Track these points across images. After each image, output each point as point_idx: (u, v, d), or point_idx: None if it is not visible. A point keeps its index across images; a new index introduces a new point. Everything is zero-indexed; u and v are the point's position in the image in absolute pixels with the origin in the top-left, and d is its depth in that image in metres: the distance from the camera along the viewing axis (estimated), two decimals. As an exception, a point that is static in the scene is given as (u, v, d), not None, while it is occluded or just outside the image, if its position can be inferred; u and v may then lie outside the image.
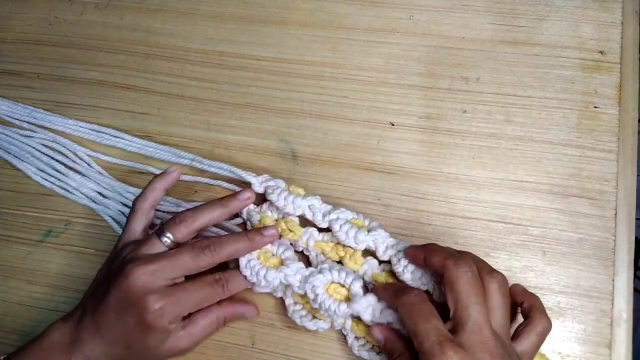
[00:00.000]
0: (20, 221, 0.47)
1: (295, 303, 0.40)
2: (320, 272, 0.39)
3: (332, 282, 0.39)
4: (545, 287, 0.40)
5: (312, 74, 0.47)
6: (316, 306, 0.38)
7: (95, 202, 0.46)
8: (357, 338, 0.39)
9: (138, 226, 0.40)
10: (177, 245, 0.38)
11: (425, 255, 0.36)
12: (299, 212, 0.41)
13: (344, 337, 0.40)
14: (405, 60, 0.47)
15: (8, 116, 0.49)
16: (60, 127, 0.48)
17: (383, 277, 0.40)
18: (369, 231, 0.40)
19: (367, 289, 0.39)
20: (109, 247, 0.44)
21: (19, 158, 0.47)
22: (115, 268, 0.38)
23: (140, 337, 0.36)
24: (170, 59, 0.49)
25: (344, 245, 0.40)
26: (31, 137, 0.48)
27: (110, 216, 0.45)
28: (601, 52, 0.45)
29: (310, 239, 0.41)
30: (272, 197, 0.41)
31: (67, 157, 0.47)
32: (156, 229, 0.39)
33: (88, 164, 0.47)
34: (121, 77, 0.49)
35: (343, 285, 0.39)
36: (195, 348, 0.39)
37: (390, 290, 0.37)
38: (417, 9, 0.48)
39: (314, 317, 0.39)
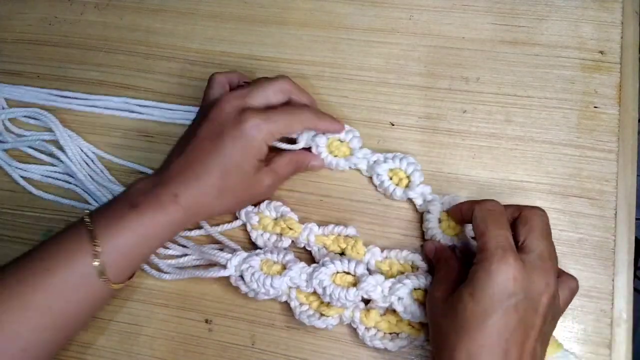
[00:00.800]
0: (20, 221, 0.47)
1: (301, 304, 0.40)
2: (323, 265, 0.39)
3: (337, 272, 0.40)
4: (545, 287, 0.40)
5: (312, 74, 0.47)
6: (327, 299, 0.39)
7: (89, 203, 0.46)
8: (367, 329, 0.39)
9: (215, 93, 0.41)
10: None
11: (505, 207, 0.37)
12: (282, 290, 0.40)
13: (354, 330, 0.40)
14: (405, 60, 0.47)
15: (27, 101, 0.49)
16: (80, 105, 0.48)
17: (387, 265, 0.40)
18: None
19: (370, 272, 0.40)
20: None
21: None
22: (202, 114, 0.40)
23: (235, 158, 0.37)
24: (170, 59, 0.49)
25: (345, 237, 0.41)
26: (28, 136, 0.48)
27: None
28: (601, 52, 0.45)
29: (310, 235, 0.41)
30: (252, 285, 0.40)
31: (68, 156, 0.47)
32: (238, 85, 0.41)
33: (92, 161, 0.47)
34: (121, 77, 0.49)
35: (348, 273, 0.40)
36: (275, 191, 0.42)
37: (469, 202, 0.38)
38: (417, 9, 0.48)
39: (322, 315, 0.40)
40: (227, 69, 0.48)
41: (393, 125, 0.45)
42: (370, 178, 0.44)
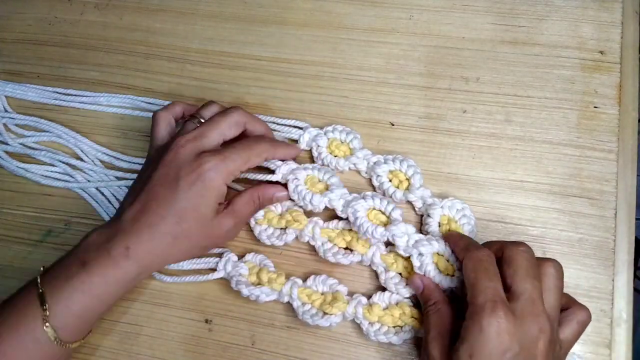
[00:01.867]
0: (20, 221, 0.47)
1: (304, 304, 0.40)
2: (362, 197, 0.40)
3: (373, 208, 0.40)
4: (545, 287, 0.40)
5: (312, 74, 0.47)
6: (355, 228, 0.40)
7: (96, 201, 0.46)
8: (371, 324, 0.39)
9: (163, 132, 0.41)
10: None
11: (484, 245, 0.37)
12: (320, 208, 0.41)
13: (354, 330, 0.40)
14: (405, 60, 0.47)
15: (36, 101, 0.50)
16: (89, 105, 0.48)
17: (392, 258, 0.40)
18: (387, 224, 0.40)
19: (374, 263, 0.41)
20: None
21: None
22: (154, 160, 0.38)
23: (192, 202, 0.36)
24: (170, 59, 0.49)
25: (350, 230, 0.41)
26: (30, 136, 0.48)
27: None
28: (601, 52, 0.45)
29: (315, 227, 0.41)
30: (293, 196, 0.42)
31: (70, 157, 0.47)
32: (187, 118, 0.40)
33: (92, 161, 0.47)
34: (121, 77, 0.49)
35: (383, 213, 0.40)
36: (238, 234, 0.41)
37: (462, 242, 0.37)
38: (417, 9, 0.48)
39: (325, 314, 0.40)
40: (227, 69, 0.48)
41: (393, 125, 0.45)
42: (370, 179, 0.44)
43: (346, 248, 0.41)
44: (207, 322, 0.42)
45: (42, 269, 0.37)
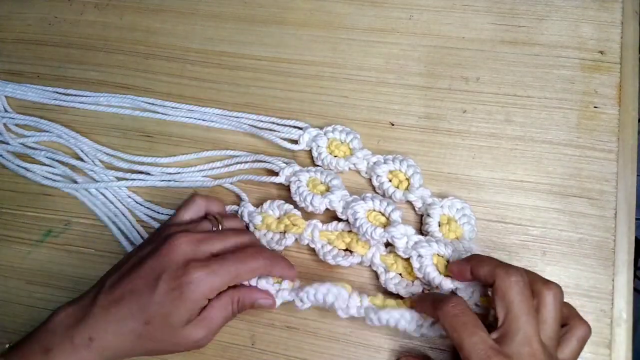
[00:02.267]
0: (20, 221, 0.47)
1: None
2: (362, 199, 0.41)
3: (373, 209, 0.41)
4: (545, 287, 0.40)
5: (312, 74, 0.47)
6: (355, 230, 0.40)
7: (97, 207, 0.46)
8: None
9: (187, 216, 0.40)
10: None
11: (472, 265, 0.35)
12: (320, 210, 0.41)
13: (355, 330, 0.40)
14: (405, 60, 0.47)
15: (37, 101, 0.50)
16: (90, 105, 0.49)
17: (391, 258, 0.40)
18: (386, 226, 0.40)
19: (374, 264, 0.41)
20: (108, 247, 0.45)
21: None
22: (155, 240, 0.38)
23: (165, 309, 0.35)
24: (170, 59, 0.49)
25: (349, 231, 0.41)
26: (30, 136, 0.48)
27: (111, 220, 0.45)
28: (601, 52, 0.45)
29: (314, 231, 0.41)
30: (295, 197, 0.42)
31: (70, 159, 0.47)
32: (210, 217, 0.40)
33: (93, 162, 0.47)
34: (121, 77, 0.49)
35: (383, 214, 0.41)
36: (210, 341, 0.37)
37: (428, 301, 0.35)
38: (417, 9, 0.48)
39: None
40: (227, 69, 0.48)
41: (393, 125, 0.45)
42: (370, 179, 0.44)
43: (346, 250, 0.41)
44: (207, 322, 0.42)
45: (7, 346, 0.36)
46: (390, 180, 0.43)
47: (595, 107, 0.44)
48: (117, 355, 0.36)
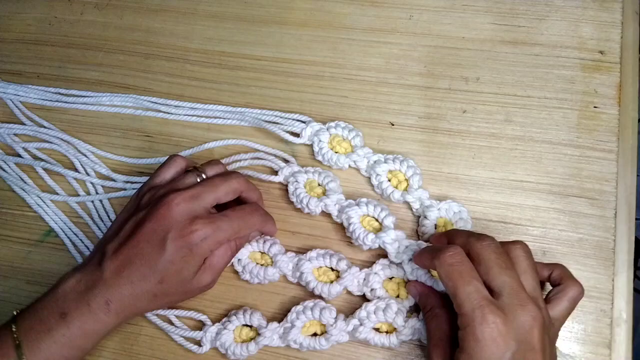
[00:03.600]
0: (20, 221, 0.47)
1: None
2: (357, 204, 0.41)
3: (367, 215, 0.41)
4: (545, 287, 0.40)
5: (312, 74, 0.47)
6: (349, 234, 0.41)
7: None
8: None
9: (169, 175, 0.40)
10: None
11: (448, 239, 0.36)
12: (316, 212, 0.42)
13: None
14: (405, 60, 0.47)
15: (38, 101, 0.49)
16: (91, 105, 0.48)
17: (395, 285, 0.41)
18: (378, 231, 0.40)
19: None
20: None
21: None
22: (146, 203, 0.38)
23: (176, 266, 0.36)
24: (170, 59, 0.49)
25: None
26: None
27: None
28: (601, 52, 0.45)
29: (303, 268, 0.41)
30: (292, 198, 0.43)
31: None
32: (190, 169, 0.40)
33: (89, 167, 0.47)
34: (121, 77, 0.49)
35: (377, 220, 0.41)
36: (215, 283, 0.39)
37: (426, 252, 0.37)
38: (417, 9, 0.48)
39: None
40: (227, 69, 0.48)
41: (393, 125, 0.45)
42: (369, 178, 0.44)
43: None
44: (207, 322, 0.42)
45: (15, 313, 0.36)
46: (389, 180, 0.43)
47: (595, 107, 0.44)
48: (134, 314, 0.37)
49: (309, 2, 0.49)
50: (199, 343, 0.41)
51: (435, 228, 0.41)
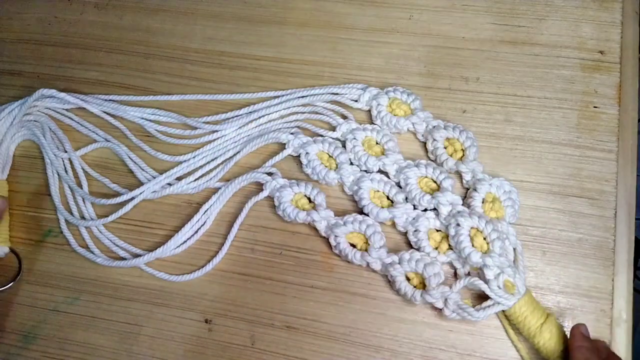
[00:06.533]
0: (20, 221, 0.47)
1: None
2: (416, 165, 0.42)
3: (425, 176, 0.42)
4: (545, 287, 0.40)
5: (312, 74, 0.47)
6: (360, 207, 0.42)
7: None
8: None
9: None
10: None
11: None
12: (374, 170, 0.43)
13: (354, 329, 0.40)
14: (405, 60, 0.47)
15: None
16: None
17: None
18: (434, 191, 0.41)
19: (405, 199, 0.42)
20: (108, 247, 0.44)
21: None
22: None
23: None
24: (170, 59, 0.49)
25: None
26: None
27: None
28: (601, 52, 0.45)
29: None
30: (350, 155, 0.43)
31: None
32: None
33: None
34: (121, 77, 0.49)
35: (435, 181, 0.42)
36: None
37: (588, 342, 0.36)
38: (417, 9, 0.48)
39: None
40: (227, 69, 0.48)
41: (393, 125, 0.45)
42: (425, 143, 0.44)
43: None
44: (207, 322, 0.42)
45: None
46: (445, 148, 0.43)
47: (595, 107, 0.44)
48: None
49: (309, 2, 0.49)
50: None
51: (483, 202, 0.41)
